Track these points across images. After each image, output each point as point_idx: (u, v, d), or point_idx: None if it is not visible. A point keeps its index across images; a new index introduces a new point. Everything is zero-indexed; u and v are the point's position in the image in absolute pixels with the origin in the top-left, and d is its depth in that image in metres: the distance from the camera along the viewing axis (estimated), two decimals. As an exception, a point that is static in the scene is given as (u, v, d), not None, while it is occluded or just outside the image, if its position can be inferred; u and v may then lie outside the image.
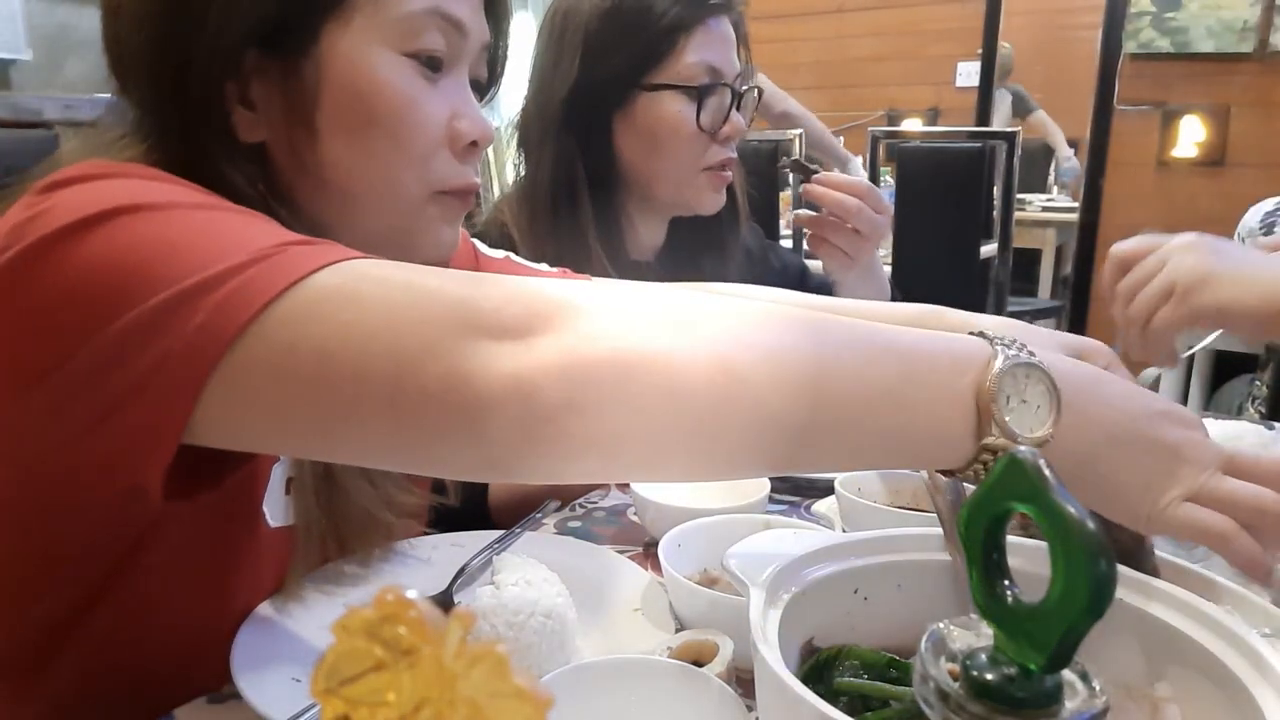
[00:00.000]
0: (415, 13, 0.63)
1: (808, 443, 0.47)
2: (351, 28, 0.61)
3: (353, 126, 0.63)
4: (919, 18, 5.02)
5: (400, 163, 0.65)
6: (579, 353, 0.44)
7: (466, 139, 0.67)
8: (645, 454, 0.47)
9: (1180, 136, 4.16)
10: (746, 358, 0.45)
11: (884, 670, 0.45)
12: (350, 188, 0.65)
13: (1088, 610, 0.31)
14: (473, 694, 0.20)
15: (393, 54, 0.63)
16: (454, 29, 0.65)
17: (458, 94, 0.67)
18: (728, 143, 1.13)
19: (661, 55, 1.07)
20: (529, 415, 0.43)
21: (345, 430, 0.46)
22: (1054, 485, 0.33)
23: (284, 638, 0.64)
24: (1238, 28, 3.97)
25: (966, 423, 0.48)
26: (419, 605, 0.21)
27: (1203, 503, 0.51)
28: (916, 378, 0.48)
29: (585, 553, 0.78)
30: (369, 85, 0.62)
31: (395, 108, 0.63)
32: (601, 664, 0.55)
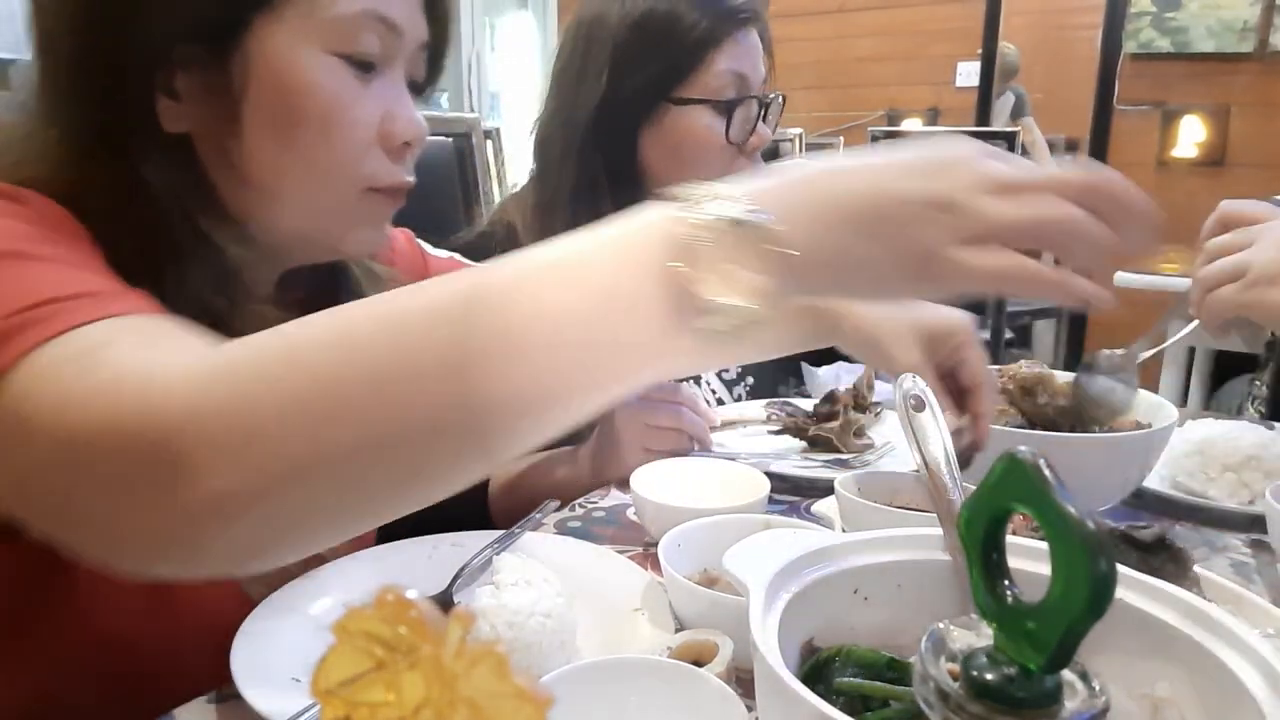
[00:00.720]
0: (349, 15, 0.62)
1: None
2: (282, 25, 0.61)
3: (279, 124, 0.62)
4: (919, 18, 5.02)
5: (327, 163, 0.64)
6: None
7: (399, 140, 0.67)
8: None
9: (1180, 136, 4.16)
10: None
11: (884, 670, 0.45)
12: (275, 185, 0.64)
13: (1088, 610, 0.31)
14: (473, 694, 0.20)
15: (323, 54, 0.62)
16: (389, 30, 0.64)
17: (391, 94, 0.66)
18: (754, 153, 1.13)
19: (690, 68, 1.06)
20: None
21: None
22: (1054, 485, 0.33)
23: (284, 638, 0.64)
24: (1238, 28, 3.97)
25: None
26: (419, 605, 0.21)
27: (982, 242, 0.44)
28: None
29: (585, 553, 0.78)
30: (297, 84, 0.62)
31: (324, 108, 0.62)
32: (601, 664, 0.55)
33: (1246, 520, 0.87)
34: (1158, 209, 0.46)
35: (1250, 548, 0.83)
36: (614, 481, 0.99)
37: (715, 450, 1.06)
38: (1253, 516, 0.86)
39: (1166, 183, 4.18)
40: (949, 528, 0.53)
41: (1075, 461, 0.79)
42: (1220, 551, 0.83)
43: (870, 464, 1.02)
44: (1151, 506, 0.91)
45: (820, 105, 5.25)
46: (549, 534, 0.85)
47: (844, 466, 1.01)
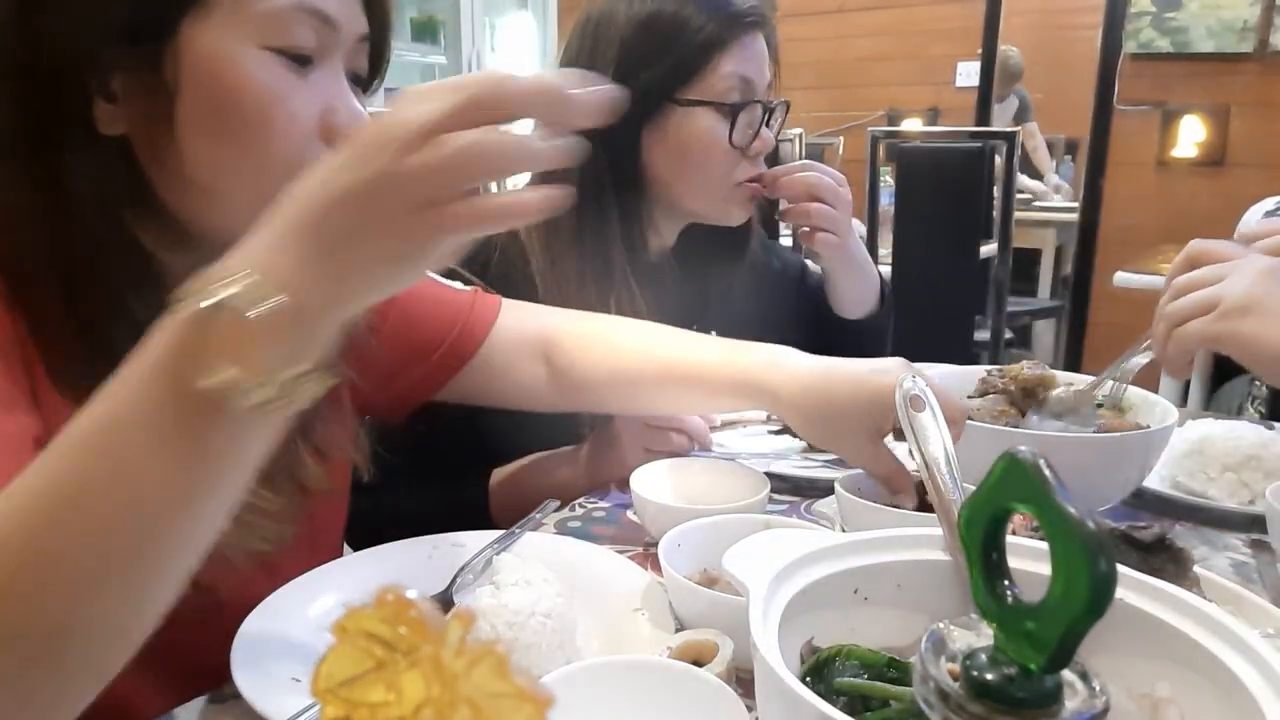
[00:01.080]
0: (279, 8, 0.61)
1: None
2: (211, 23, 0.60)
3: (214, 122, 0.61)
4: (919, 18, 5.02)
5: (266, 159, 0.63)
6: None
7: (340, 133, 0.65)
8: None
9: (1180, 136, 4.16)
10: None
11: (884, 670, 0.45)
12: (215, 186, 0.63)
13: (1088, 610, 0.31)
14: (473, 694, 0.20)
15: (255, 49, 0.61)
16: (323, 24, 0.63)
17: (331, 87, 0.65)
18: (758, 158, 1.13)
19: (696, 70, 1.06)
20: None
21: None
22: (1054, 485, 0.33)
23: (284, 638, 0.64)
24: (1238, 28, 3.97)
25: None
26: (419, 605, 0.21)
27: (434, 197, 0.47)
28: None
29: (585, 553, 0.78)
30: (230, 81, 0.61)
31: (259, 104, 0.61)
32: (601, 664, 0.55)
33: (1246, 520, 0.87)
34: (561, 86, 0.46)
35: (1250, 548, 0.83)
36: (614, 481, 0.99)
37: (715, 450, 1.06)
38: (1253, 516, 0.86)
39: (1166, 183, 4.18)
40: (949, 528, 0.53)
41: (1075, 461, 0.79)
42: (1220, 551, 0.83)
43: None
44: (1151, 506, 0.91)
45: (820, 105, 5.25)
46: (549, 534, 0.85)
47: (844, 466, 1.01)
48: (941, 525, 0.57)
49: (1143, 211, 4.02)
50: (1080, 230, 2.71)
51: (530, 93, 0.45)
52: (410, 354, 0.90)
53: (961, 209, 2.37)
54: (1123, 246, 3.29)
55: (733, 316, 1.17)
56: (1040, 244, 4.34)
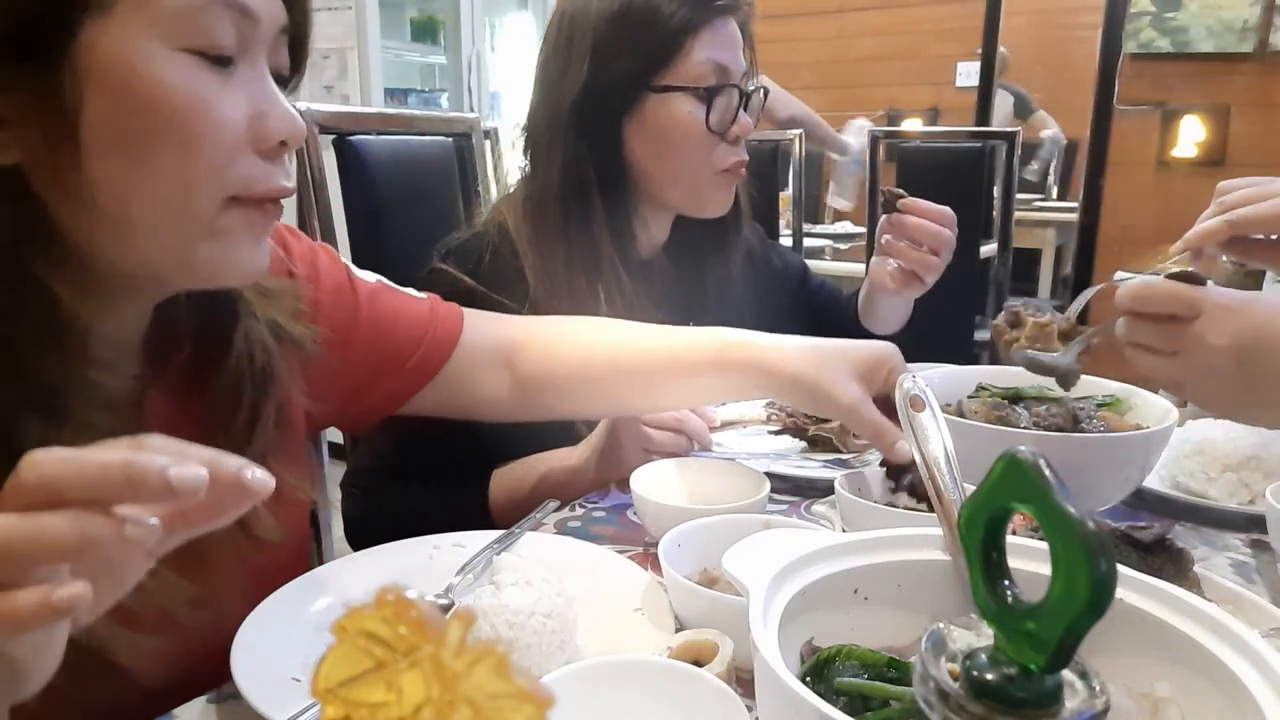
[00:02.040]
0: (193, 3, 0.54)
1: None
2: (116, 24, 0.53)
3: (126, 139, 0.54)
4: (919, 18, 5.02)
5: (189, 176, 0.56)
6: None
7: (273, 139, 0.59)
8: None
9: (1180, 136, 4.16)
10: None
11: (884, 670, 0.45)
12: (127, 212, 0.56)
13: (1088, 610, 0.31)
14: (473, 694, 0.20)
15: (170, 50, 0.54)
16: (243, 17, 0.57)
17: (257, 87, 0.59)
18: (737, 143, 1.13)
19: (670, 56, 1.07)
20: None
21: None
22: (1054, 485, 0.33)
23: (284, 638, 0.64)
24: (1238, 28, 3.97)
25: None
26: (419, 605, 0.21)
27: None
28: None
29: (585, 553, 0.78)
30: (143, 90, 0.54)
31: (180, 114, 0.55)
32: (601, 664, 0.55)
33: (1246, 520, 0.87)
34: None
35: (1250, 548, 0.83)
36: (614, 481, 0.99)
37: (715, 450, 1.06)
38: (1253, 516, 0.86)
39: (1166, 183, 4.18)
40: (949, 528, 0.53)
41: (1075, 461, 0.79)
42: (1220, 551, 0.83)
43: (870, 464, 1.02)
44: (1151, 506, 0.91)
45: (820, 105, 5.23)
46: (549, 534, 0.85)
47: (844, 466, 1.01)
48: (941, 525, 0.57)
49: (1142, 211, 4.02)
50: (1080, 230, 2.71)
51: (86, 478, 0.39)
52: (378, 367, 0.87)
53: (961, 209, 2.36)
54: (1123, 246, 3.30)
55: (732, 313, 1.18)
56: (1040, 244, 4.34)
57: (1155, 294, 0.71)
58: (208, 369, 0.68)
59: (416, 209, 1.32)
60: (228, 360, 0.68)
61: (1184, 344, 0.70)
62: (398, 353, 0.88)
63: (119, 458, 0.39)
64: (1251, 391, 0.68)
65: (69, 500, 0.38)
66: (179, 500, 0.39)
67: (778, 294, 1.37)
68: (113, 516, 0.39)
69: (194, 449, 0.41)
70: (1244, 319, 0.67)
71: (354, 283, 0.87)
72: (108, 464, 0.38)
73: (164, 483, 0.38)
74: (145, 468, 0.38)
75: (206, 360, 0.68)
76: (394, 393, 0.89)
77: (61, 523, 0.38)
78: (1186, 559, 0.64)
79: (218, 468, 0.40)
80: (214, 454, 0.41)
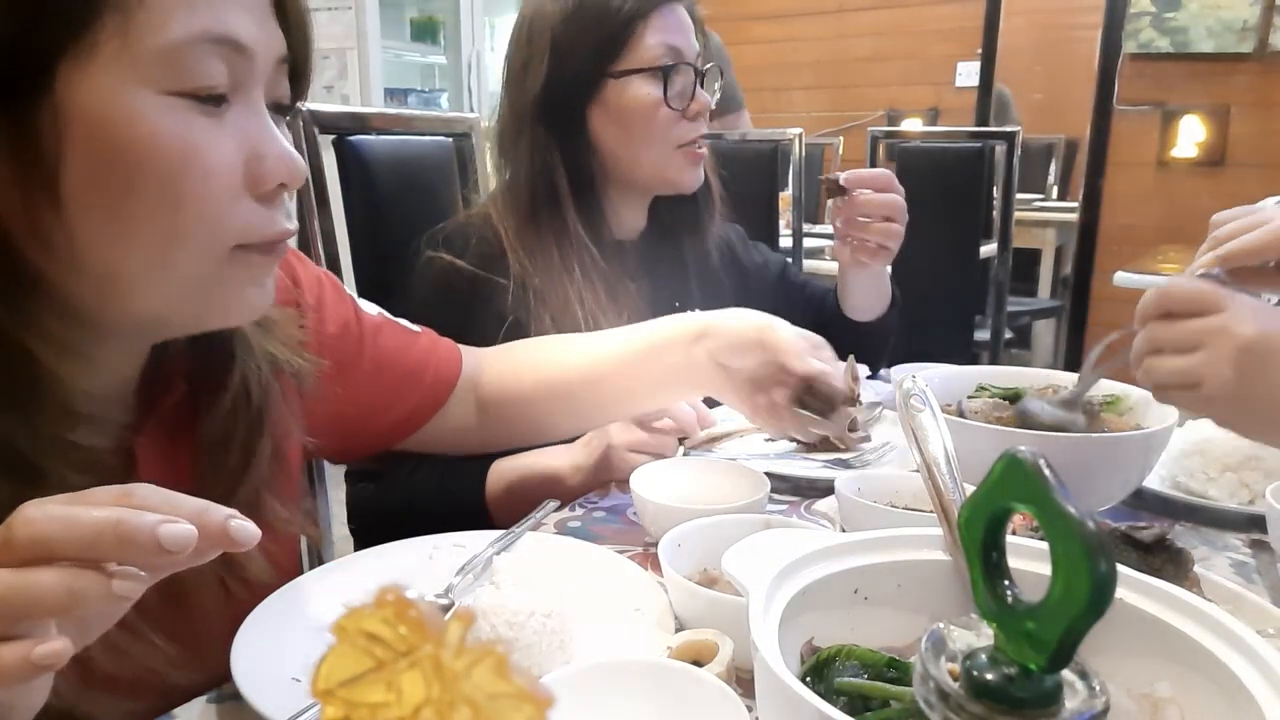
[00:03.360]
0: (179, 42, 0.50)
1: None
2: (97, 67, 0.49)
3: (112, 193, 0.50)
4: (919, 18, 5.02)
5: (184, 232, 0.53)
6: None
7: (271, 181, 0.55)
8: None
9: (1180, 136, 4.15)
10: None
11: (884, 670, 0.45)
12: (114, 268, 0.53)
13: (1088, 610, 0.31)
14: (473, 694, 0.20)
15: (156, 95, 0.50)
16: (236, 53, 0.52)
17: (253, 127, 0.55)
18: (697, 119, 1.19)
19: (624, 43, 1.14)
20: None
21: None
22: (1054, 485, 0.33)
23: (284, 638, 0.64)
24: (1238, 28, 3.97)
25: None
26: (419, 605, 0.21)
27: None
28: None
29: (585, 553, 0.78)
30: (128, 137, 0.50)
31: (169, 163, 0.51)
32: (601, 664, 0.55)
33: (1246, 520, 0.87)
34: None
35: (1250, 548, 0.83)
36: (614, 482, 0.99)
37: (715, 451, 1.06)
38: (1253, 516, 0.86)
39: (1166, 183, 4.18)
40: (949, 528, 0.53)
41: (1075, 461, 0.79)
42: (1220, 551, 0.83)
43: (870, 464, 1.03)
44: (1151, 506, 0.91)
45: (820, 105, 5.25)
46: (549, 534, 0.85)
47: (844, 466, 1.01)
48: (941, 525, 0.57)
49: (1143, 211, 4.02)
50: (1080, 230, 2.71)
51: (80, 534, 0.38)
52: (379, 404, 0.87)
53: (961, 209, 2.37)
54: (1123, 246, 3.30)
55: (712, 298, 1.21)
56: (1040, 244, 4.34)
57: (1182, 291, 0.72)
58: (201, 408, 0.66)
59: (416, 209, 1.31)
60: (222, 400, 0.65)
61: (1207, 337, 0.69)
62: (399, 391, 0.88)
63: (110, 516, 0.39)
64: (1266, 397, 0.68)
65: (60, 557, 0.39)
66: (169, 559, 0.39)
67: (758, 286, 1.40)
68: (102, 573, 0.39)
69: (183, 500, 0.41)
70: (1267, 316, 0.68)
71: (360, 317, 0.86)
72: (100, 523, 0.39)
73: (154, 541, 0.38)
74: (137, 527, 0.38)
75: (200, 400, 0.66)
76: (389, 431, 0.90)
77: (52, 580, 0.38)
78: (1186, 559, 0.64)
79: (205, 520, 0.40)
80: (202, 505, 0.41)
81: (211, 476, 0.65)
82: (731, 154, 2.59)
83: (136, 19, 0.49)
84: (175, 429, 0.65)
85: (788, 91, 5.40)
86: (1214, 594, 0.60)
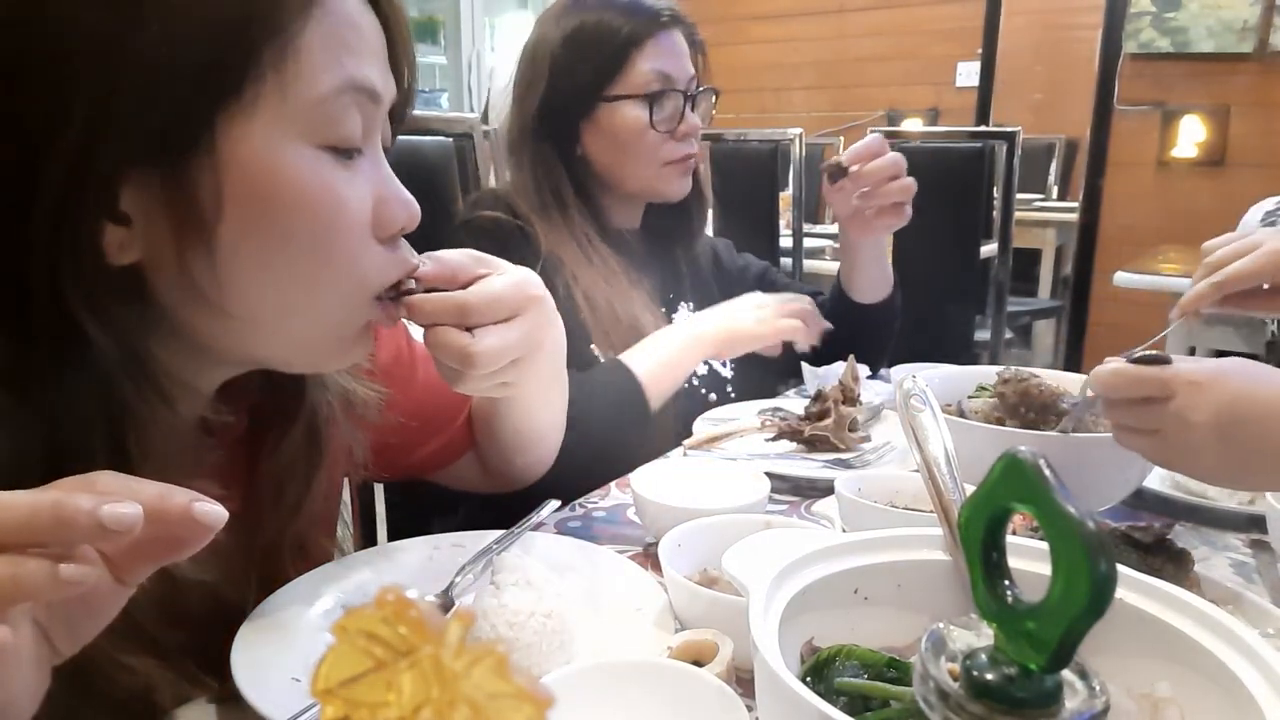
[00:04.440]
0: (330, 93, 0.52)
1: None
2: (256, 120, 0.50)
3: (265, 243, 0.52)
4: (919, 18, 5.02)
5: (324, 278, 0.55)
6: None
7: (394, 226, 0.58)
8: None
9: (1180, 136, 4.16)
10: None
11: (884, 670, 0.45)
12: (256, 313, 0.55)
13: (1088, 610, 0.31)
14: (473, 694, 0.20)
15: (310, 148, 0.53)
16: (369, 100, 0.55)
17: (377, 174, 0.58)
18: (685, 139, 1.26)
19: (618, 69, 1.21)
20: None
21: None
22: (1054, 485, 0.33)
23: (284, 638, 0.64)
24: (1238, 28, 3.97)
25: None
26: (419, 605, 0.21)
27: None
28: None
29: (585, 553, 0.78)
30: (285, 190, 0.52)
31: (319, 211, 0.53)
32: (601, 664, 0.55)
33: (1246, 520, 0.87)
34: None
35: (1250, 548, 0.83)
36: (614, 482, 0.99)
37: (715, 451, 1.06)
38: (1253, 516, 0.86)
39: (1166, 183, 4.18)
40: (949, 528, 0.53)
41: (1075, 461, 0.79)
42: (1220, 551, 0.83)
43: (870, 464, 1.03)
44: (1151, 506, 0.91)
45: (820, 105, 5.25)
46: (549, 534, 0.85)
47: (844, 466, 1.01)
48: (941, 525, 0.57)
49: (1143, 211, 4.02)
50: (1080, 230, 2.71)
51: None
52: (423, 433, 0.87)
53: (961, 209, 2.37)
54: (1123, 246, 3.30)
55: (703, 293, 1.37)
56: (1040, 244, 4.34)
57: (1124, 380, 0.72)
58: (264, 443, 0.66)
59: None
60: (290, 434, 0.66)
61: (1164, 424, 0.70)
62: (440, 423, 0.88)
63: (48, 499, 0.38)
64: (1238, 462, 0.68)
65: (1, 544, 0.38)
66: (114, 539, 0.38)
67: (740, 289, 1.41)
68: (49, 559, 0.38)
69: (144, 485, 0.40)
70: (1217, 393, 0.68)
71: (410, 345, 0.87)
72: (36, 505, 0.38)
73: (94, 522, 0.37)
74: (74, 508, 0.37)
75: (263, 434, 0.66)
76: (423, 463, 0.90)
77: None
78: (1186, 559, 0.64)
79: (167, 504, 0.40)
80: (163, 489, 0.40)
81: (269, 513, 0.65)
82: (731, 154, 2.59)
83: (293, 73, 0.51)
84: (231, 462, 0.65)
85: (788, 91, 5.40)
86: (1214, 594, 0.60)
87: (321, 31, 0.52)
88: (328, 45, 0.52)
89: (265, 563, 0.67)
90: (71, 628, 0.42)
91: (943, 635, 0.38)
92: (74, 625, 0.43)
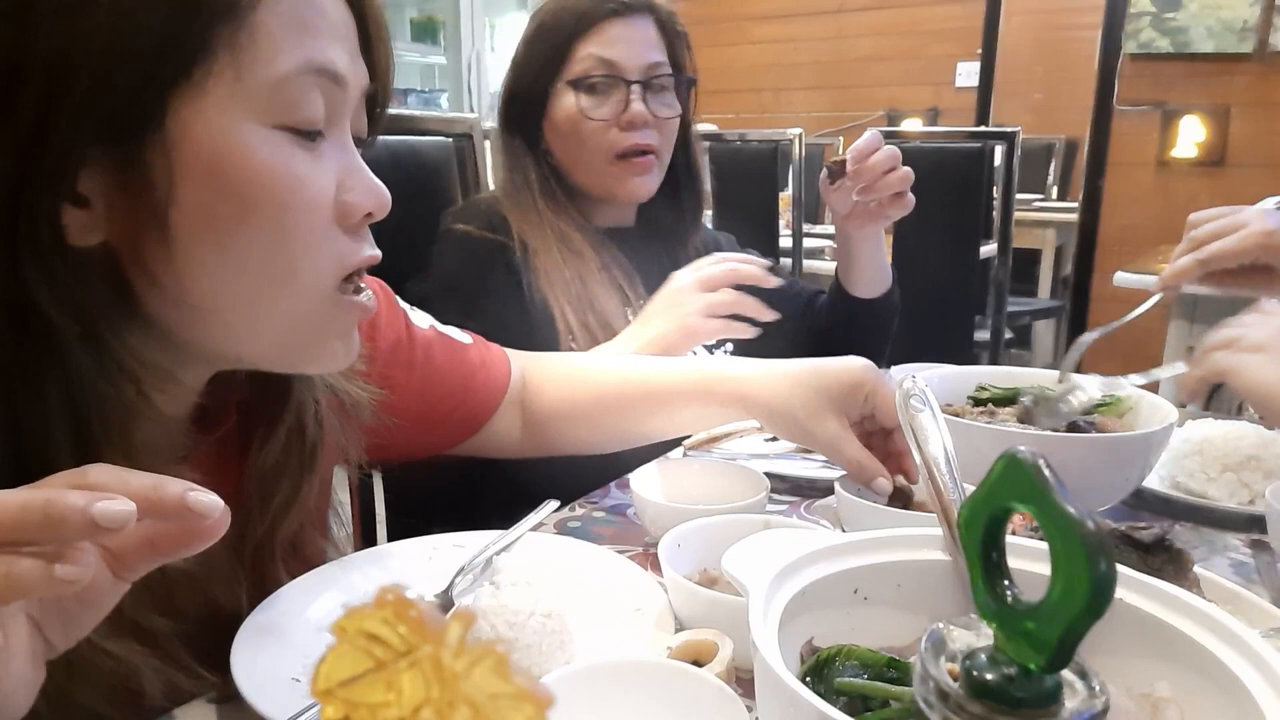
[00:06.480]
0: (288, 74, 0.51)
1: None
2: (209, 100, 0.49)
3: (220, 226, 0.52)
4: (919, 18, 5.01)
5: (289, 265, 0.54)
6: None
7: (359, 213, 0.57)
8: None
9: (1180, 136, 4.16)
10: None
11: (884, 670, 0.45)
12: (218, 303, 0.54)
13: (1088, 610, 0.31)
14: (473, 694, 0.20)
15: (265, 129, 0.52)
16: (332, 84, 0.54)
17: (343, 159, 0.57)
18: (632, 129, 1.21)
19: (563, 60, 1.21)
20: None
21: None
22: (1054, 485, 0.33)
23: (284, 638, 0.64)
24: (1238, 28, 3.97)
25: None
26: (419, 605, 0.21)
27: None
28: None
29: (585, 553, 0.78)
30: (239, 172, 0.51)
31: (276, 194, 0.52)
32: (601, 664, 0.55)
33: (1246, 520, 0.87)
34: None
35: (1250, 548, 0.83)
36: (614, 482, 0.99)
37: (715, 451, 1.06)
38: (1253, 516, 0.86)
39: (1166, 183, 4.18)
40: (949, 528, 0.53)
41: (1075, 461, 0.79)
42: (1220, 551, 0.83)
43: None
44: (1151, 506, 0.91)
45: (820, 105, 5.25)
46: (549, 534, 0.85)
47: (844, 466, 1.01)
48: (941, 525, 0.57)
49: (1143, 211, 4.02)
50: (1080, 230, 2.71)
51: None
52: (424, 420, 0.86)
53: (961, 209, 2.37)
54: (1123, 246, 3.29)
55: None
56: (1040, 244, 4.34)
57: (1245, 244, 0.78)
58: (252, 439, 0.65)
59: (416, 209, 1.31)
60: (276, 432, 0.65)
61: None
62: (446, 407, 0.88)
63: (39, 497, 0.37)
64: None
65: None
66: (107, 535, 0.38)
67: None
68: (43, 558, 0.37)
69: (136, 477, 0.40)
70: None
71: (411, 331, 0.86)
72: (27, 503, 0.37)
73: (86, 519, 0.37)
74: (68, 506, 0.37)
75: (251, 430, 0.65)
76: (432, 444, 0.90)
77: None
78: (1186, 559, 0.64)
79: (160, 495, 0.39)
80: (156, 480, 0.40)
81: (259, 511, 0.65)
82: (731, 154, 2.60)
83: (248, 52, 0.50)
84: (221, 458, 0.64)
85: (788, 91, 5.40)
86: (1214, 594, 0.60)
87: (280, 11, 0.51)
88: (287, 26, 0.51)
89: (256, 560, 0.67)
90: (67, 623, 0.42)
91: (942, 635, 0.38)
92: (69, 620, 0.42)
